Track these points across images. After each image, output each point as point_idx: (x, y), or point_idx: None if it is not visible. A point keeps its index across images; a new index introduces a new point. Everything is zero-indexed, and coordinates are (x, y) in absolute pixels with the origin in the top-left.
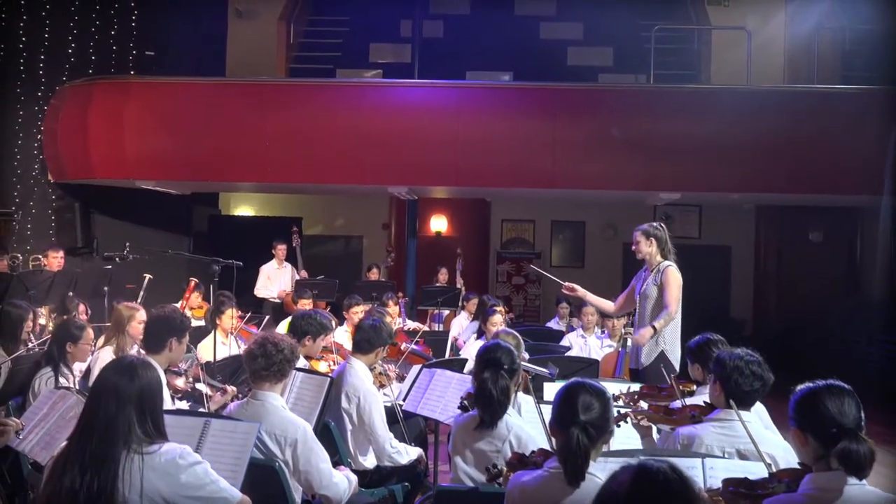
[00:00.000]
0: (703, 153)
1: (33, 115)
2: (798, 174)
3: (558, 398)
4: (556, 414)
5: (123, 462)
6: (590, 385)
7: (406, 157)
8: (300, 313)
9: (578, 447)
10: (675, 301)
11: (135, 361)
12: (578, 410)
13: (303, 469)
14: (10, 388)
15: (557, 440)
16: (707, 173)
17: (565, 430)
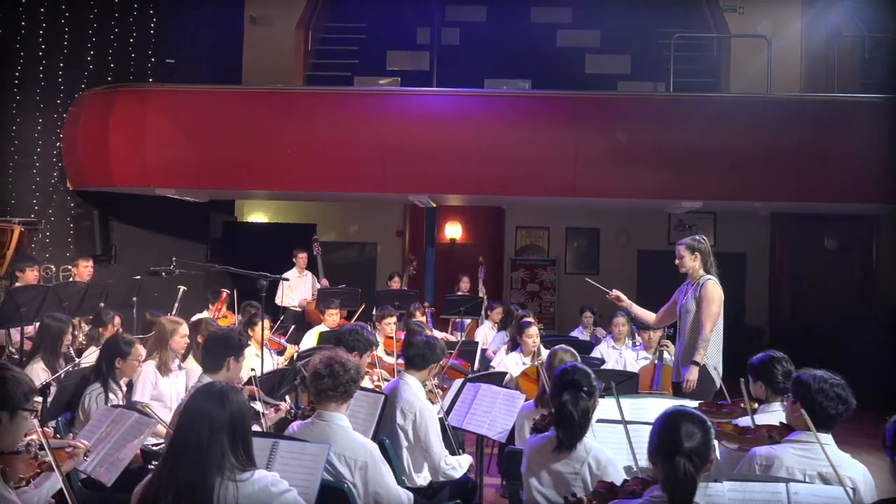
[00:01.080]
0: (724, 161)
1: (52, 123)
2: (817, 182)
3: (658, 427)
4: (658, 443)
5: (217, 489)
6: (690, 413)
7: (427, 165)
8: (346, 329)
9: (686, 476)
10: (710, 320)
11: (224, 387)
12: (682, 439)
13: (372, 491)
14: (59, 403)
15: (660, 470)
16: (728, 181)
17: (670, 460)
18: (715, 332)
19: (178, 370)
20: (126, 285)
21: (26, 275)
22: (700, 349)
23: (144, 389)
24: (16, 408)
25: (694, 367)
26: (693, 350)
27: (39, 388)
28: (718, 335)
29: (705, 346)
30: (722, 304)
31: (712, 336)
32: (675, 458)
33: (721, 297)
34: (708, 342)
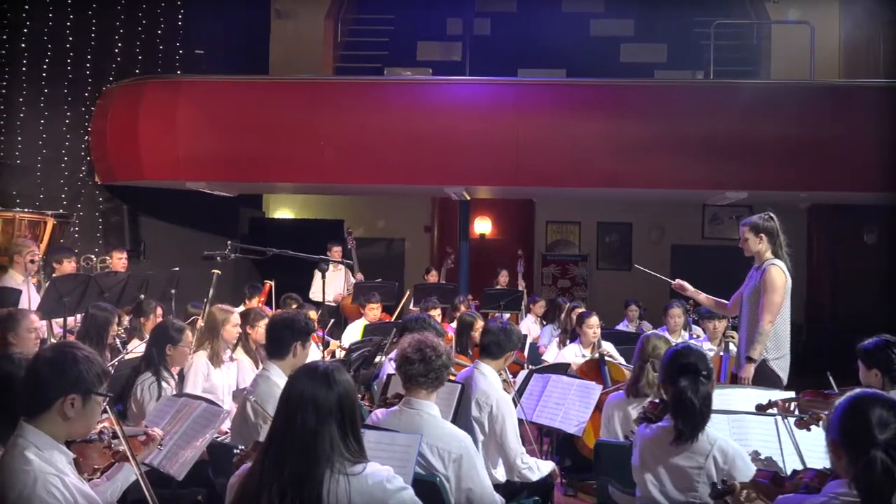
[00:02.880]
0: (768, 150)
1: (80, 116)
2: (863, 171)
3: (842, 413)
4: (843, 432)
5: (327, 483)
6: (881, 397)
7: (461, 156)
8: (411, 317)
9: (886, 474)
10: (769, 310)
11: (330, 367)
12: (874, 428)
13: (465, 486)
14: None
15: (848, 464)
16: (772, 171)
17: (864, 453)
18: (779, 322)
19: (230, 361)
20: (164, 277)
21: (63, 266)
22: (756, 344)
23: (196, 381)
24: (89, 390)
25: (749, 365)
26: (750, 345)
27: None
28: (784, 326)
29: (762, 341)
30: (787, 292)
31: (775, 327)
32: (870, 450)
33: (785, 285)
34: (766, 336)
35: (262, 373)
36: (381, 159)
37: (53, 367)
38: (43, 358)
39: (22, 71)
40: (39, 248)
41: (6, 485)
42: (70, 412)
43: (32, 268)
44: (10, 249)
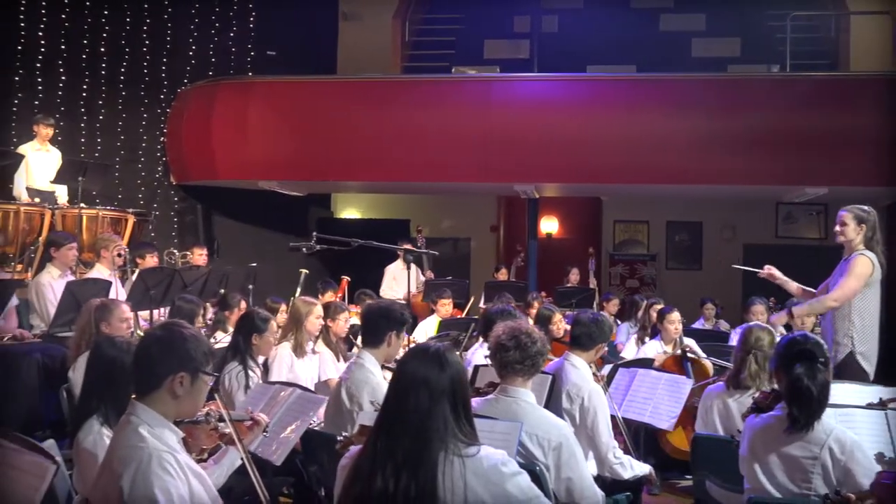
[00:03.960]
0: (848, 144)
1: (156, 118)
2: None
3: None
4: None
5: (442, 465)
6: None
7: (530, 153)
8: (496, 309)
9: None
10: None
11: (440, 348)
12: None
13: (564, 476)
14: None
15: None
16: (852, 166)
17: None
18: (867, 315)
19: (312, 354)
20: (242, 272)
21: (146, 261)
22: (809, 308)
23: (281, 371)
24: (197, 369)
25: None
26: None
27: None
28: (872, 319)
29: (815, 310)
30: (875, 283)
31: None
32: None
33: (869, 275)
34: (822, 309)
35: (356, 360)
36: (449, 157)
37: (163, 345)
38: (153, 337)
39: (101, 74)
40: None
41: (123, 461)
42: (179, 390)
43: (119, 261)
44: (97, 244)
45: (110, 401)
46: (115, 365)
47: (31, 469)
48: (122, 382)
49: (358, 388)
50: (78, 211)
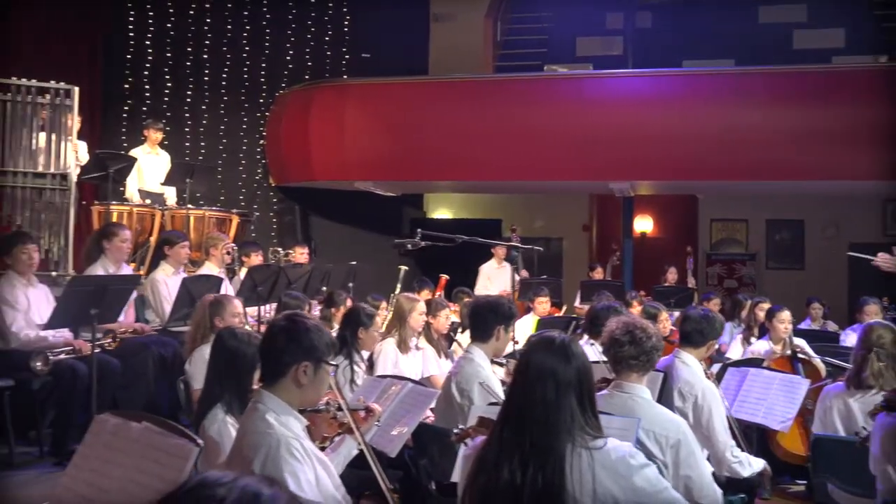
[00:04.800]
0: None
1: (256, 122)
2: None
3: None
4: None
5: (569, 457)
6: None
7: (626, 150)
8: (601, 306)
9: None
10: None
11: (566, 339)
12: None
13: (683, 474)
14: None
15: None
16: None
17: None
18: None
19: (416, 350)
20: (343, 270)
21: (251, 259)
22: None
23: (385, 366)
24: (320, 359)
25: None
26: None
27: None
28: None
29: None
30: None
31: None
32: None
33: None
34: None
35: (465, 355)
36: (543, 156)
37: (288, 335)
38: (278, 327)
39: (205, 80)
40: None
41: (252, 447)
42: (303, 379)
43: (227, 259)
44: (206, 243)
45: (233, 390)
46: (236, 355)
47: (175, 451)
48: (243, 372)
49: (468, 382)
50: (186, 212)
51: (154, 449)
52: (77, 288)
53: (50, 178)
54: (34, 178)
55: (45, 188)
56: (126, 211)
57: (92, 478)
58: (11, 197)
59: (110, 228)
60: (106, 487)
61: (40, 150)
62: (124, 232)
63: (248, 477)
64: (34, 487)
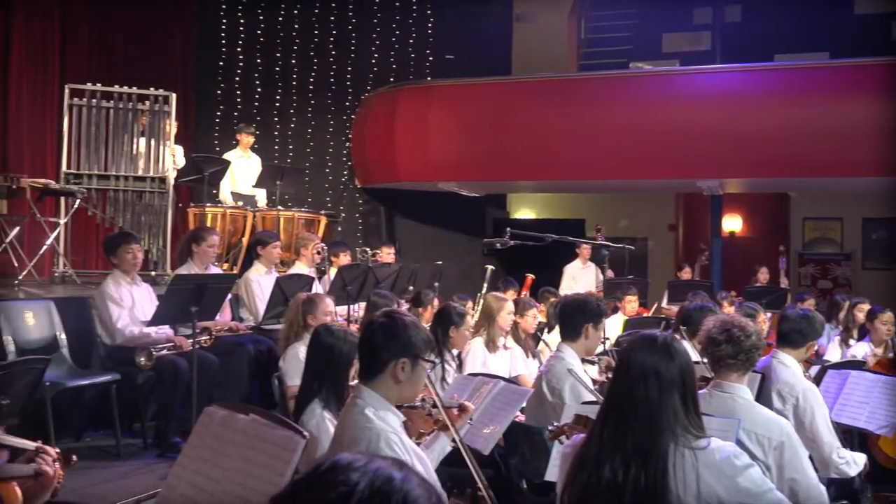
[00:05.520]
0: None
1: (342, 124)
2: None
3: None
4: None
5: (672, 457)
6: None
7: (715, 147)
8: (694, 305)
9: None
10: None
11: (667, 338)
12: None
13: (788, 476)
14: None
15: None
16: None
17: None
18: None
19: (504, 349)
20: (429, 270)
21: (340, 259)
22: None
23: (474, 365)
24: (417, 355)
25: None
26: None
27: None
28: None
29: None
30: None
31: None
32: None
33: None
34: None
35: (555, 354)
36: (629, 154)
37: (386, 331)
38: (377, 323)
39: (292, 84)
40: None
41: (353, 441)
42: (401, 375)
43: (317, 259)
44: (296, 243)
45: (329, 385)
46: (332, 352)
47: (282, 442)
48: (339, 368)
49: (559, 380)
50: (276, 213)
51: (261, 440)
52: (179, 286)
53: (149, 181)
54: (135, 182)
55: (144, 191)
56: (219, 213)
57: (202, 468)
58: (114, 199)
59: (200, 233)
60: (216, 477)
61: (140, 154)
62: (213, 237)
63: (379, 460)
64: (139, 477)
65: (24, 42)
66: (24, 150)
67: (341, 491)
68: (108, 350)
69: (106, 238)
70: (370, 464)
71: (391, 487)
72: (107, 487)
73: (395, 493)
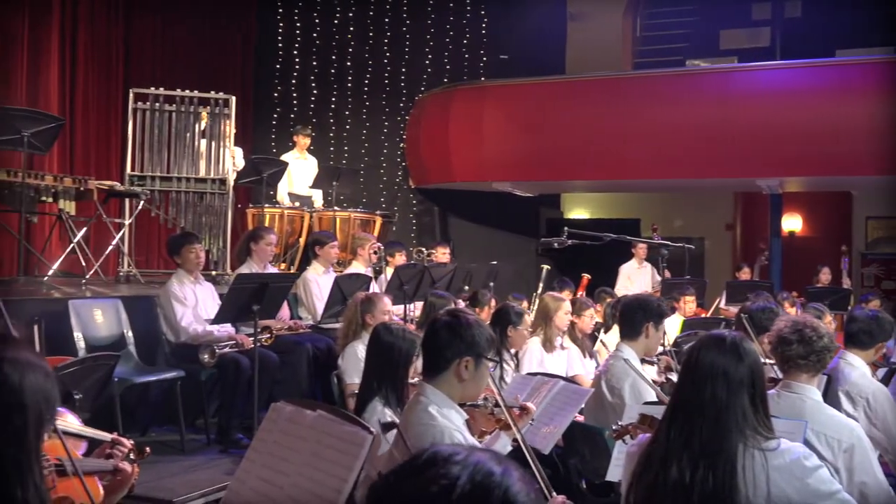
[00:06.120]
0: None
1: (396, 126)
2: None
3: None
4: None
5: (742, 458)
6: None
7: (774, 146)
8: (756, 307)
9: None
10: None
11: (737, 338)
12: None
13: (858, 480)
14: None
15: None
16: None
17: None
18: None
19: (561, 349)
20: (484, 270)
21: (395, 259)
22: None
23: (531, 365)
24: (480, 354)
25: None
26: None
27: None
28: None
29: None
30: None
31: None
32: None
33: None
34: None
35: (614, 353)
36: (685, 153)
37: (450, 330)
38: (441, 322)
39: (347, 86)
40: None
41: (416, 438)
42: (464, 374)
43: (373, 258)
44: (353, 243)
45: (389, 383)
46: (392, 350)
47: (349, 438)
48: (398, 366)
49: (619, 381)
50: (332, 213)
51: (329, 436)
52: (242, 285)
53: (210, 182)
54: (196, 183)
55: (205, 192)
56: (277, 213)
57: (270, 462)
58: (176, 201)
59: (259, 232)
60: (285, 471)
61: (201, 156)
62: (271, 236)
63: (478, 452)
64: (204, 472)
65: (90, 48)
66: (91, 152)
67: (443, 485)
68: (172, 347)
69: (169, 238)
70: (470, 457)
71: (492, 482)
72: (173, 481)
73: (495, 487)
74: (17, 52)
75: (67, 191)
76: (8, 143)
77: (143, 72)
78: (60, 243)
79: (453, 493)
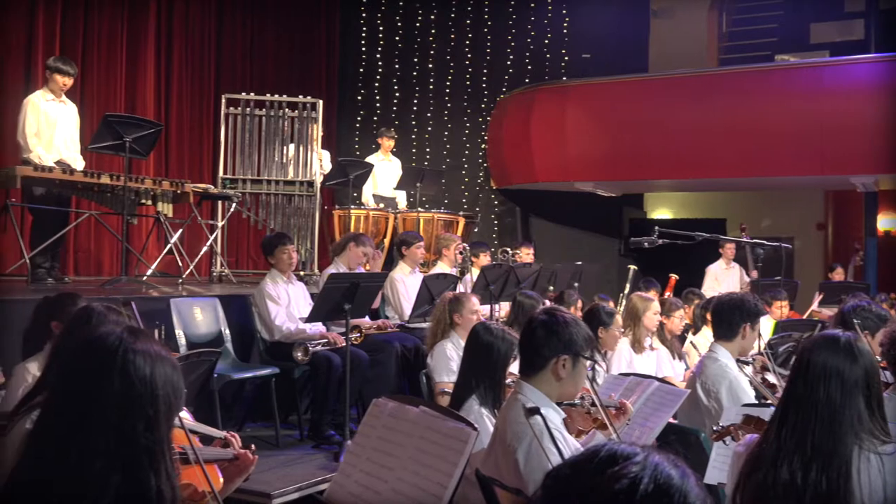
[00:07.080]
0: None
1: (477, 127)
2: None
3: None
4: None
5: (857, 461)
6: None
7: (869, 142)
8: (851, 306)
9: None
10: None
11: (851, 339)
12: None
13: None
14: None
15: None
16: None
17: None
18: None
19: (650, 350)
20: (569, 270)
21: (480, 259)
22: None
23: (620, 366)
24: (578, 353)
25: None
26: None
27: None
28: None
29: None
30: None
31: None
32: None
33: None
34: None
35: (709, 354)
36: (774, 151)
37: (548, 328)
38: (538, 321)
39: (429, 88)
40: None
41: (516, 436)
42: (562, 372)
43: (459, 259)
44: (438, 244)
45: (486, 382)
46: (490, 349)
47: (453, 434)
48: (496, 366)
49: (714, 383)
50: (416, 214)
51: (432, 431)
52: (335, 284)
53: (298, 185)
54: (285, 186)
55: (293, 195)
56: (363, 215)
57: (374, 457)
58: (266, 203)
59: (360, 238)
60: (390, 466)
61: (290, 159)
62: (367, 247)
63: (656, 453)
64: (298, 466)
65: (184, 52)
66: (184, 156)
67: (625, 483)
68: (266, 345)
69: (264, 239)
70: (650, 457)
71: (672, 485)
72: (270, 475)
73: (675, 491)
74: (117, 57)
75: (165, 194)
76: (111, 147)
77: (233, 75)
78: (158, 244)
79: (636, 493)
